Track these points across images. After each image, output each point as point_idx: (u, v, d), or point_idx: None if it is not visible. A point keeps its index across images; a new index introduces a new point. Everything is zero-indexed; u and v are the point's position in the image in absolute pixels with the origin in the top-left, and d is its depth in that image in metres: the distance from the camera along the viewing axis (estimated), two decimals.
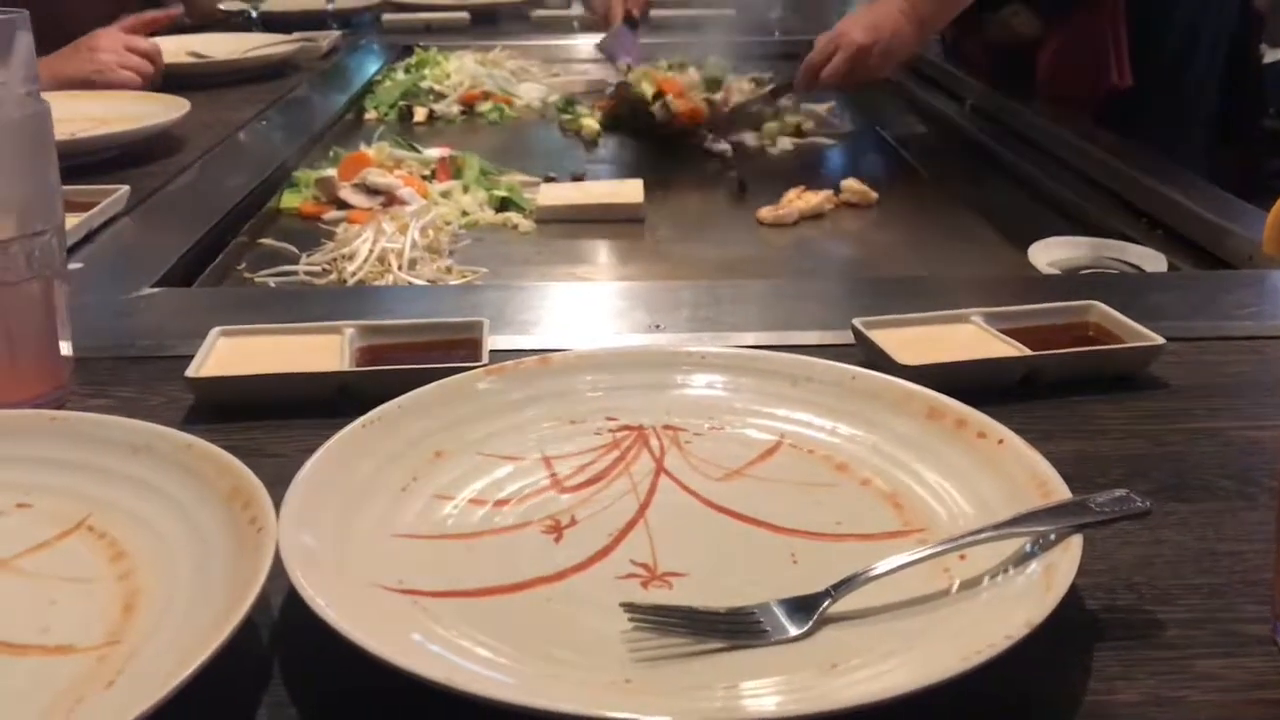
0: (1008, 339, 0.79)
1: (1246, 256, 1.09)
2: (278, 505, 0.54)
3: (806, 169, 1.56)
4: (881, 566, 0.51)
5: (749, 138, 1.72)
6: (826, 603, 0.50)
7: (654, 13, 2.56)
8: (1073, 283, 1.08)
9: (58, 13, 1.48)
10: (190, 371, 0.74)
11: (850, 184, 1.39)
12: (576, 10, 2.84)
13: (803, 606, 0.50)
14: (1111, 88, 1.66)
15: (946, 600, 0.51)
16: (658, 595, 0.53)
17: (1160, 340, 0.77)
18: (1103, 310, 0.82)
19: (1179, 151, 1.49)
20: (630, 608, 0.50)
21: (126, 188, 1.21)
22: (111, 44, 1.69)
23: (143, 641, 0.49)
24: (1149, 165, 1.35)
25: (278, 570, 0.50)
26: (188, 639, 0.47)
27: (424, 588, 0.53)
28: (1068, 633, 0.51)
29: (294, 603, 0.49)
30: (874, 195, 1.38)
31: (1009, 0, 1.75)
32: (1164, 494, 0.64)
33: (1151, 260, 1.14)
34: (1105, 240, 1.20)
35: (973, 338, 0.80)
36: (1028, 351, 0.77)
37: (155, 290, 0.98)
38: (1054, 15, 1.71)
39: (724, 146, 1.67)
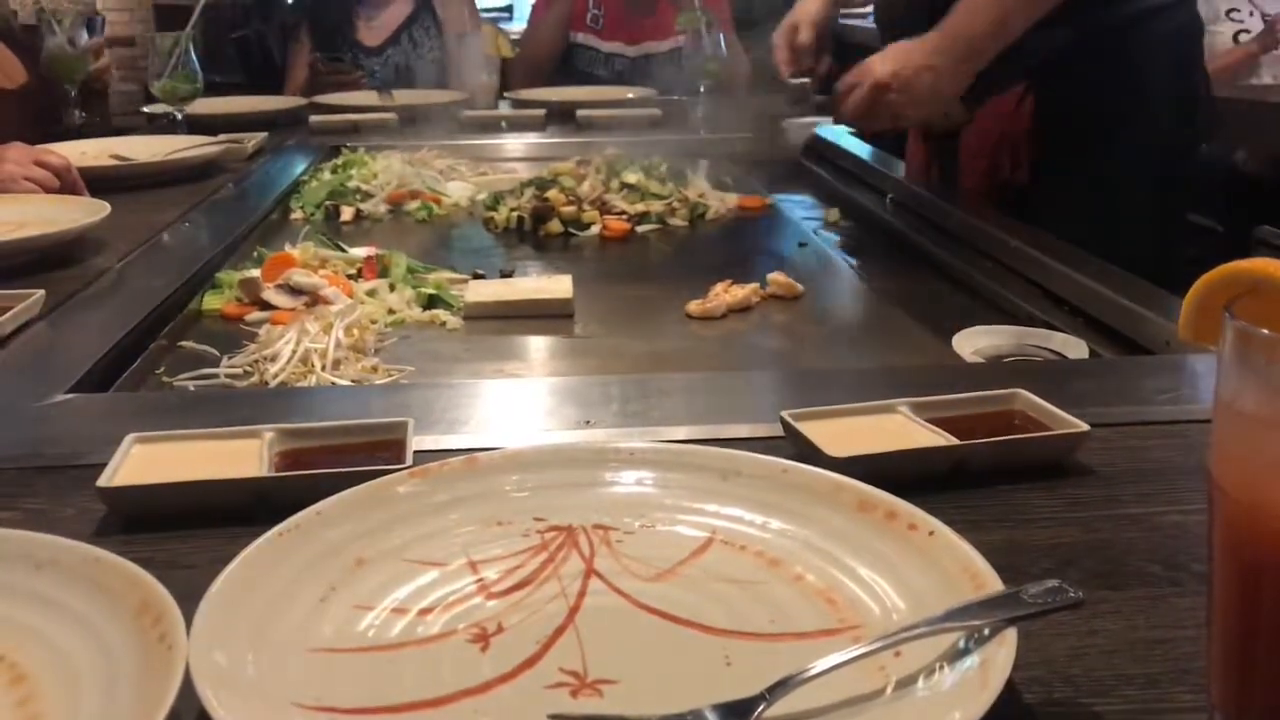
0: (935, 429, 0.79)
1: (1164, 342, 1.11)
2: (191, 620, 0.52)
3: (733, 263, 1.57)
4: (817, 667, 0.50)
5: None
6: (761, 707, 0.49)
7: (579, 112, 2.61)
8: (997, 370, 1.10)
9: None
10: (102, 481, 0.72)
11: (776, 277, 1.40)
12: (505, 109, 2.87)
13: (737, 712, 0.49)
14: (1007, 182, 1.67)
15: (882, 700, 0.50)
16: (588, 705, 0.52)
17: (1085, 427, 0.78)
18: (1028, 398, 0.83)
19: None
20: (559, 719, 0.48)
21: (42, 292, 1.18)
22: (19, 155, 1.68)
23: None
24: (1067, 254, 1.38)
25: (189, 690, 0.48)
26: None
27: (343, 704, 0.50)
28: None
29: None
30: (800, 288, 1.39)
31: None
32: (1094, 582, 0.64)
33: (1073, 347, 1.16)
34: (1027, 328, 1.23)
35: (901, 428, 0.80)
36: (955, 441, 0.77)
37: (69, 396, 0.96)
38: (973, 106, 1.72)
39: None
